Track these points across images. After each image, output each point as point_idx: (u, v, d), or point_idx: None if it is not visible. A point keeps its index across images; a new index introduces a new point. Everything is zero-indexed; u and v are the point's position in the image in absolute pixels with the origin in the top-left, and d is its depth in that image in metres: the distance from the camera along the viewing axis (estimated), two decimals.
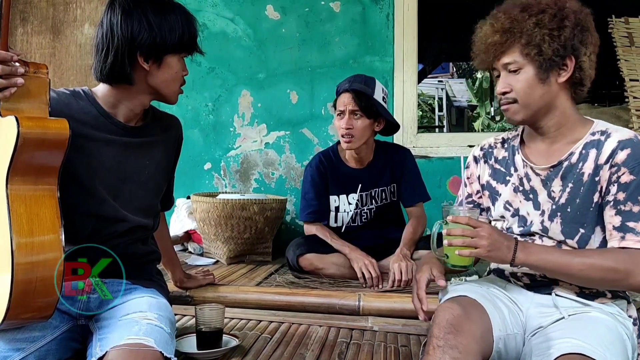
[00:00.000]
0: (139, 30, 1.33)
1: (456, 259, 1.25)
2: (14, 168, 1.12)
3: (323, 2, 3.22)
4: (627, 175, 1.21)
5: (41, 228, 1.14)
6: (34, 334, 1.23)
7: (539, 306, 1.31)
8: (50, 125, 1.17)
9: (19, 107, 1.16)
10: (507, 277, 1.41)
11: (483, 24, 1.34)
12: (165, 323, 1.29)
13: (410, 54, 3.16)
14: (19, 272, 1.09)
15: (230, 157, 3.37)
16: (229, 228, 2.59)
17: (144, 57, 1.36)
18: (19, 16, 3.56)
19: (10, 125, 1.11)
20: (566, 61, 1.25)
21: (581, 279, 1.22)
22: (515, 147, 1.42)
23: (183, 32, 1.39)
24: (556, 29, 1.23)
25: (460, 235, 1.21)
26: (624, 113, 2.84)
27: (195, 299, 1.96)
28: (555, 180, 1.31)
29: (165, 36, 1.36)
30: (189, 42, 1.42)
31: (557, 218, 1.29)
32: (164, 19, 1.36)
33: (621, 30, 2.89)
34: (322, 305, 1.93)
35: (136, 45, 1.34)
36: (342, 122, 2.28)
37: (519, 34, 1.25)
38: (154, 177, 1.53)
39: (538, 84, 1.27)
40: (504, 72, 1.31)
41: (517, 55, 1.27)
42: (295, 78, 3.26)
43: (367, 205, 2.47)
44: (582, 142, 1.29)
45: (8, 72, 1.13)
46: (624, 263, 1.17)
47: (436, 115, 14.42)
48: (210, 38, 3.33)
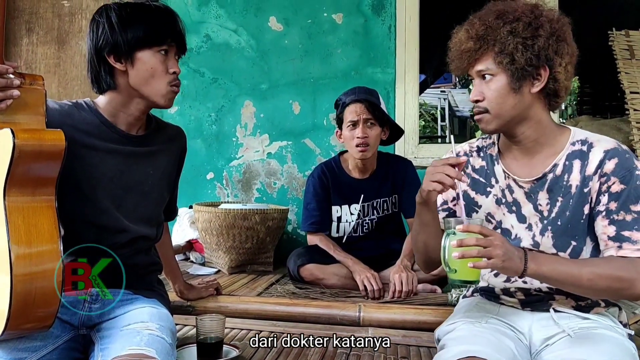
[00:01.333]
0: (102, 34, 1.38)
1: (467, 273, 1.13)
2: (11, 180, 1.12)
3: (325, 14, 3.24)
4: (617, 184, 1.19)
5: (39, 239, 1.14)
6: (35, 344, 1.23)
7: (541, 326, 1.28)
8: (45, 137, 1.17)
9: (16, 119, 1.17)
10: (498, 296, 1.38)
11: (459, 30, 1.31)
12: (166, 333, 1.30)
13: (411, 65, 3.17)
14: (18, 283, 1.09)
15: (232, 166, 3.38)
16: (230, 238, 2.60)
17: (114, 57, 1.39)
18: (25, 26, 3.60)
19: (6, 138, 1.11)
20: (540, 71, 1.22)
21: (587, 288, 1.18)
22: (493, 157, 1.38)
23: (148, 26, 1.40)
24: (530, 38, 1.20)
25: (474, 245, 1.09)
26: (624, 125, 2.85)
27: (197, 309, 1.97)
28: (541, 193, 1.28)
29: (127, 33, 1.37)
30: (157, 35, 1.40)
31: (547, 232, 1.27)
32: (127, 18, 1.39)
33: (622, 43, 2.91)
34: (322, 316, 1.94)
35: (101, 47, 1.38)
36: (358, 132, 2.30)
37: (492, 42, 1.22)
38: (157, 187, 1.54)
39: (510, 93, 1.23)
40: (478, 80, 1.28)
41: (490, 63, 1.23)
42: (297, 89, 3.29)
43: (369, 216, 2.48)
44: (564, 153, 1.27)
45: (4, 84, 1.13)
46: (628, 272, 1.15)
47: (439, 125, 14.43)
48: (214, 49, 3.37)
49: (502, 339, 1.24)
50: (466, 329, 1.27)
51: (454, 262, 1.12)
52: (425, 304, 1.99)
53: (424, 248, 1.38)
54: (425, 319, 1.85)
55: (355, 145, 2.32)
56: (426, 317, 1.86)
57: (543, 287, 1.29)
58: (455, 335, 1.27)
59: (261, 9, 3.33)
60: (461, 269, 1.13)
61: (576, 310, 1.28)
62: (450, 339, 1.26)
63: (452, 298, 2.01)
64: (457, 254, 1.10)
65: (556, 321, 1.26)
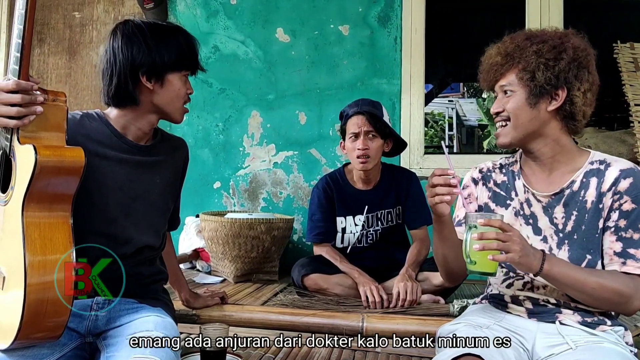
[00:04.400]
0: (138, 52, 1.41)
1: (485, 265, 1.20)
2: (30, 195, 1.15)
3: (332, 26, 3.28)
4: (629, 203, 1.25)
5: (54, 251, 1.17)
6: (42, 351, 1.26)
7: (545, 336, 1.30)
8: (66, 154, 1.20)
9: (38, 134, 1.19)
10: (506, 304, 1.41)
11: (492, 47, 1.41)
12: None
13: (417, 77, 3.20)
14: (31, 293, 1.12)
15: (239, 176, 3.42)
16: (236, 247, 2.62)
17: (146, 77, 1.43)
18: (36, 37, 3.67)
19: (28, 154, 1.14)
20: (558, 91, 1.29)
21: (590, 296, 1.24)
22: (515, 173, 1.45)
23: (181, 51, 1.47)
24: (552, 60, 1.28)
25: (494, 239, 1.16)
26: (629, 137, 2.85)
27: (202, 318, 1.99)
28: (557, 207, 1.34)
29: (163, 56, 1.43)
30: (187, 60, 1.50)
31: (564, 246, 1.32)
32: (162, 41, 1.44)
33: (626, 56, 2.92)
34: (325, 326, 1.95)
35: (137, 66, 1.42)
36: (358, 144, 2.33)
37: (518, 59, 1.31)
38: (163, 196, 1.57)
39: (527, 107, 1.31)
40: (500, 94, 1.37)
41: (513, 79, 1.33)
42: (304, 99, 3.32)
43: (373, 227, 2.50)
44: (582, 171, 1.32)
45: (28, 100, 1.16)
46: (629, 288, 1.21)
47: (446, 135, 14.43)
48: (222, 60, 3.41)
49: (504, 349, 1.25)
50: (466, 332, 1.29)
51: (475, 254, 1.19)
52: (428, 315, 2.00)
53: (443, 260, 1.43)
54: (428, 329, 1.85)
55: (356, 156, 2.35)
56: (429, 327, 1.86)
57: (551, 298, 1.32)
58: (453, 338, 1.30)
59: (269, 20, 3.37)
60: (480, 261, 1.20)
61: (582, 325, 1.29)
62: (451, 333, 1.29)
63: (454, 309, 2.02)
64: (478, 246, 1.17)
65: (561, 333, 1.27)
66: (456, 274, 1.45)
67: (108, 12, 3.59)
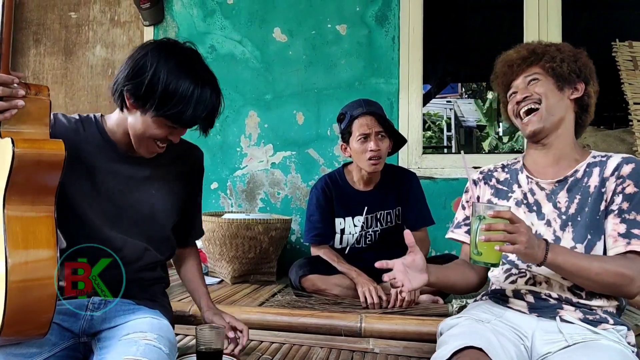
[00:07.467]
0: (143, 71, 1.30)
1: (490, 256, 1.22)
2: (11, 189, 1.13)
3: (329, 25, 3.27)
4: (631, 187, 1.32)
5: (36, 246, 1.14)
6: (31, 350, 1.24)
7: (544, 333, 1.30)
8: (45, 146, 1.18)
9: (20, 128, 1.17)
10: (507, 298, 1.41)
11: (507, 51, 1.51)
12: (164, 344, 1.29)
13: (415, 76, 3.19)
14: (13, 290, 1.09)
15: (236, 176, 3.40)
16: (233, 247, 2.60)
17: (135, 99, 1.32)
18: (32, 37, 3.65)
19: (7, 147, 1.12)
20: (578, 84, 1.41)
21: (595, 282, 1.26)
22: (517, 169, 1.52)
23: (183, 112, 1.32)
24: (573, 57, 1.42)
25: (502, 230, 1.18)
26: (628, 136, 2.84)
27: (198, 319, 1.96)
28: (561, 193, 1.40)
29: (166, 104, 1.30)
30: (182, 121, 1.35)
31: (568, 227, 1.37)
32: (173, 81, 1.30)
33: (625, 54, 2.91)
34: (323, 327, 1.93)
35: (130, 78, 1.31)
36: (371, 145, 2.27)
37: (541, 54, 1.43)
38: (162, 208, 1.50)
39: (555, 89, 1.41)
40: (523, 85, 1.44)
41: (539, 70, 1.43)
42: (301, 99, 3.31)
43: (372, 228, 2.48)
44: (586, 162, 1.41)
45: (8, 94, 1.14)
46: (631, 270, 1.24)
47: (444, 135, 14.43)
48: (218, 60, 3.39)
49: (503, 340, 1.27)
50: (468, 326, 1.32)
51: (481, 245, 1.22)
52: (426, 315, 1.98)
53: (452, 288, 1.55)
54: (426, 330, 1.84)
55: (368, 158, 2.30)
56: (428, 328, 1.85)
57: (553, 293, 1.34)
58: (456, 331, 1.31)
59: (266, 20, 3.36)
60: (486, 251, 1.22)
61: (583, 322, 1.29)
62: (451, 335, 1.29)
63: (452, 309, 2.00)
64: (485, 236, 1.20)
65: (560, 330, 1.27)
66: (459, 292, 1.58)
67: (104, 12, 3.58)
